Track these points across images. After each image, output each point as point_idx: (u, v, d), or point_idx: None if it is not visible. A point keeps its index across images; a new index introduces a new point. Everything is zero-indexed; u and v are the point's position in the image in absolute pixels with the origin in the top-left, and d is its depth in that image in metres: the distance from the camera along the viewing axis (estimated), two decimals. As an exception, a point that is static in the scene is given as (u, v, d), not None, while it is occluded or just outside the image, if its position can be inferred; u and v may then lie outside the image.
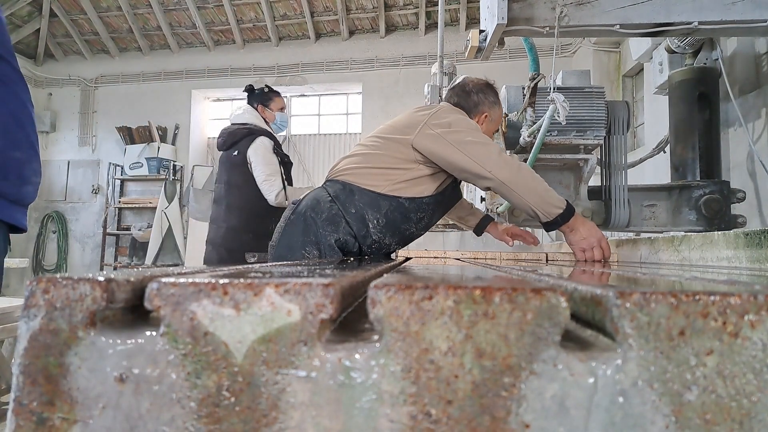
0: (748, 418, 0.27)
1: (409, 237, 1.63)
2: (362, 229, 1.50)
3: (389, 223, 1.52)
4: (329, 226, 1.49)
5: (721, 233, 1.07)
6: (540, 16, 1.57)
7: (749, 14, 1.45)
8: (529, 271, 0.67)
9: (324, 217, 1.49)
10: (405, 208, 1.52)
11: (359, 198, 1.50)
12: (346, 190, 1.51)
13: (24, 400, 0.30)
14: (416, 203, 1.52)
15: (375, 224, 1.51)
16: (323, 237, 1.48)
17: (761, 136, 2.32)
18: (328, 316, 0.29)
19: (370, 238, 1.52)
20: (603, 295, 0.30)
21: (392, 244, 1.59)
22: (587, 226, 1.42)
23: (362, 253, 1.55)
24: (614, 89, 4.60)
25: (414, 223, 1.57)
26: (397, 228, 1.54)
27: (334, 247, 1.48)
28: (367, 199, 1.50)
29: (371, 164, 1.52)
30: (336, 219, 1.49)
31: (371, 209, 1.50)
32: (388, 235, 1.54)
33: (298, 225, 1.52)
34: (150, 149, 6.41)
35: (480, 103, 1.62)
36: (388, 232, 1.53)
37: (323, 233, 1.48)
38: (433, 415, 0.28)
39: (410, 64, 6.09)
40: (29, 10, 6.46)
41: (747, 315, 0.27)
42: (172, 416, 0.29)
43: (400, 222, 1.53)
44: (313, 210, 1.51)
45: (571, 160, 1.94)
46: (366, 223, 1.50)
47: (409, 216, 1.54)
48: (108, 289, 0.31)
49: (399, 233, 1.56)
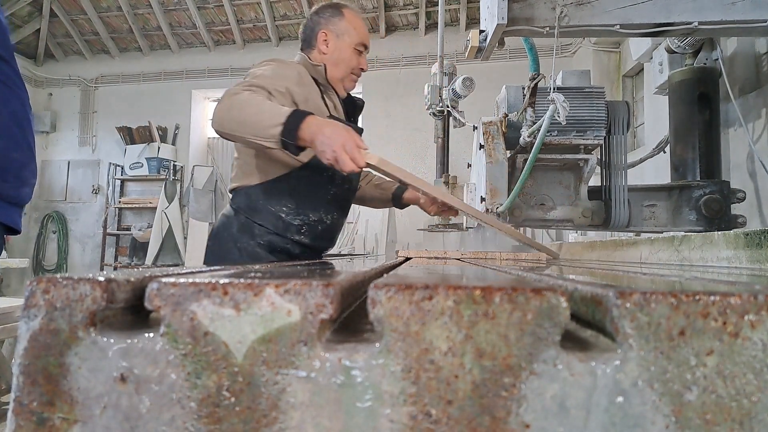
0: (748, 418, 0.27)
1: (342, 198, 1.53)
2: (278, 222, 1.41)
3: (300, 202, 1.42)
4: (244, 235, 1.42)
5: (721, 233, 1.07)
6: (540, 16, 1.57)
7: (749, 14, 1.45)
8: (529, 271, 0.67)
9: (236, 230, 1.42)
10: (299, 180, 1.41)
11: (255, 197, 1.42)
12: (242, 195, 1.44)
13: (24, 400, 0.30)
14: (306, 169, 1.40)
15: (287, 211, 1.41)
16: (246, 247, 1.41)
17: (761, 136, 2.32)
18: (328, 316, 0.29)
19: (294, 225, 1.42)
20: (603, 295, 0.30)
21: (332, 216, 1.49)
22: (329, 129, 1.12)
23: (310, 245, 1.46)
24: (614, 89, 4.60)
25: (325, 185, 1.45)
26: (314, 200, 1.43)
27: (260, 254, 1.40)
28: (260, 194, 1.42)
29: (247, 159, 1.44)
30: (248, 227, 1.42)
31: (270, 200, 1.41)
32: (314, 212, 1.44)
33: (217, 248, 1.45)
34: (150, 149, 6.41)
35: (315, 26, 1.53)
36: (309, 209, 1.43)
37: (245, 245, 1.41)
38: (433, 415, 0.28)
39: (410, 64, 6.09)
40: (29, 10, 6.46)
41: (747, 315, 0.27)
42: (172, 416, 0.29)
43: (307, 194, 1.42)
44: (226, 229, 1.45)
45: (571, 160, 1.94)
46: (277, 215, 1.41)
47: (311, 183, 1.42)
48: (108, 289, 0.31)
49: (324, 203, 1.45)
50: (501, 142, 1.93)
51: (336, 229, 1.57)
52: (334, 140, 1.10)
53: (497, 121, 1.97)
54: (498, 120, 1.97)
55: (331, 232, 1.55)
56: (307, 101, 1.40)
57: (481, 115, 2.01)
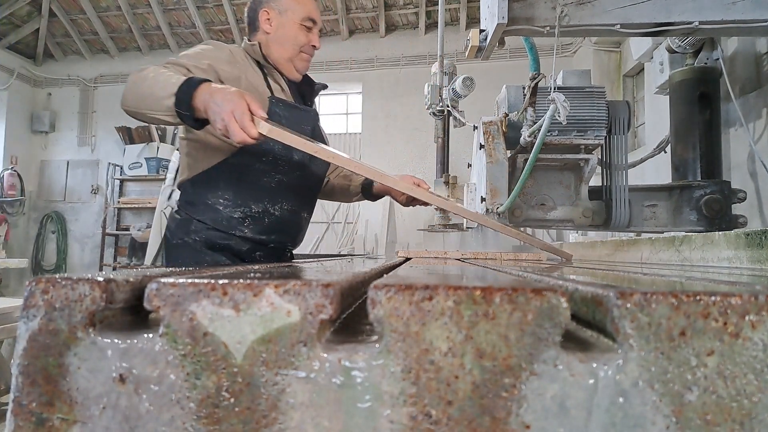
0: (748, 418, 0.27)
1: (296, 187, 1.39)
2: (216, 216, 1.31)
3: (239, 192, 1.31)
4: (181, 232, 1.33)
5: (721, 233, 1.07)
6: (540, 15, 1.57)
7: (750, 14, 1.45)
8: (529, 271, 0.67)
9: (174, 227, 1.35)
10: (235, 168, 1.30)
11: (192, 190, 1.34)
12: (182, 190, 1.37)
13: (23, 401, 0.30)
14: (243, 155, 1.29)
15: (225, 203, 1.31)
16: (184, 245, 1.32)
17: (762, 136, 2.32)
18: (328, 316, 0.29)
19: (235, 218, 1.32)
20: (603, 295, 0.29)
21: (281, 207, 1.36)
22: (220, 96, 1.00)
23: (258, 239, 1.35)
24: (615, 89, 4.60)
25: (268, 173, 1.33)
26: (255, 189, 1.32)
27: (199, 251, 1.31)
28: (196, 186, 1.33)
29: (185, 150, 1.37)
30: (185, 223, 1.33)
31: (207, 192, 1.31)
32: (256, 203, 1.33)
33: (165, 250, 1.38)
34: (149, 149, 6.41)
35: (257, 6, 1.40)
36: (251, 199, 1.32)
37: (182, 242, 1.32)
38: (433, 415, 0.28)
39: (410, 64, 6.09)
40: (28, 10, 6.45)
41: (748, 315, 0.27)
42: (172, 417, 0.29)
43: (247, 183, 1.31)
44: (168, 229, 1.39)
45: (571, 160, 1.94)
46: (215, 208, 1.31)
47: (250, 170, 1.31)
48: (107, 290, 0.31)
49: (268, 192, 1.33)
50: (501, 142, 1.93)
51: (292, 222, 1.42)
52: (223, 108, 0.98)
53: (497, 120, 1.97)
54: (498, 120, 1.97)
55: (285, 225, 1.40)
56: (239, 80, 1.28)
57: (482, 115, 2.01)
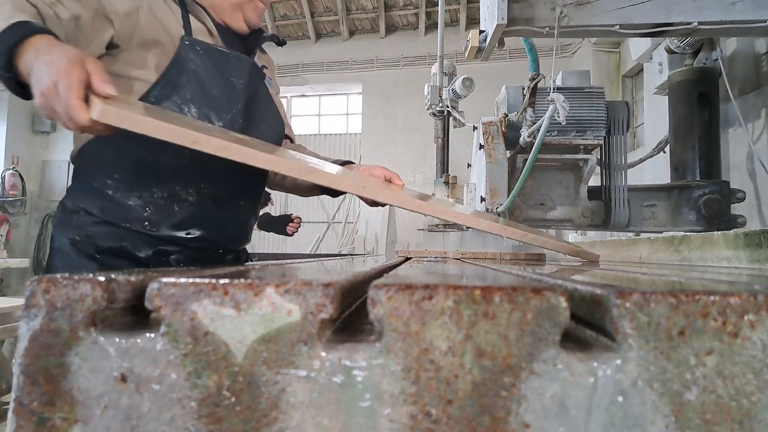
0: (747, 418, 0.27)
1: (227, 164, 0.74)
2: (105, 203, 0.95)
3: (135, 170, 0.95)
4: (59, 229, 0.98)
5: (720, 233, 1.07)
6: (540, 16, 1.57)
7: (749, 14, 1.45)
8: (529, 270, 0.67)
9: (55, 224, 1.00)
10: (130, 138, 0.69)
11: (79, 168, 1.01)
12: (72, 179, 1.03)
13: (24, 400, 0.30)
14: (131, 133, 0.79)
15: (114, 185, 0.95)
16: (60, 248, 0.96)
17: (761, 136, 2.32)
18: (329, 316, 0.29)
19: (130, 206, 0.95)
20: (603, 295, 0.30)
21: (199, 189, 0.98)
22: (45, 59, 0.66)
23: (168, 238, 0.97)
24: (614, 89, 4.60)
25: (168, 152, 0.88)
26: (157, 166, 0.95)
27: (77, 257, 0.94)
28: (79, 164, 1.00)
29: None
30: (66, 217, 0.98)
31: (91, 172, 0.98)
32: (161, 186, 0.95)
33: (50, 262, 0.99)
34: (150, 149, 6.41)
35: None
36: (152, 180, 0.95)
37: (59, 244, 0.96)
38: (433, 415, 0.28)
39: (410, 64, 6.09)
40: (29, 11, 6.45)
41: (747, 315, 0.27)
42: (173, 416, 0.29)
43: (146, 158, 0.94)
44: (53, 227, 1.01)
45: (571, 160, 1.94)
46: (102, 192, 0.95)
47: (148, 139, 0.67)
48: (108, 289, 0.31)
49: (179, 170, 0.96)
50: (501, 142, 1.93)
51: (221, 213, 1.02)
52: (45, 77, 0.65)
53: (497, 121, 1.97)
54: (498, 120, 1.98)
55: (209, 218, 1.00)
56: (131, 16, 0.93)
57: (481, 115, 2.01)
